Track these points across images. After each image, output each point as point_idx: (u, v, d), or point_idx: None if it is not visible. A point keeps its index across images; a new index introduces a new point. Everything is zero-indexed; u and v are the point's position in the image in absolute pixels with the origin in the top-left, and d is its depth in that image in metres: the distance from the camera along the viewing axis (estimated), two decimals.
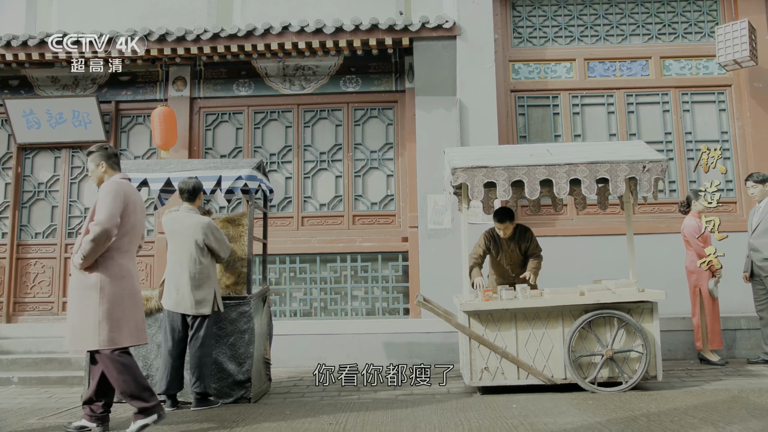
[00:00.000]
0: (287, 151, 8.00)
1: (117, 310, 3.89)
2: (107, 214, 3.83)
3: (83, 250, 3.82)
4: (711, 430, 3.64)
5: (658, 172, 5.00)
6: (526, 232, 5.99)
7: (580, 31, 7.69)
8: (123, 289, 3.94)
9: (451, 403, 4.76)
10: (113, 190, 3.94)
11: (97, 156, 4.13)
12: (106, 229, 3.80)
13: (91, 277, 3.87)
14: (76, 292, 3.92)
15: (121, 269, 3.95)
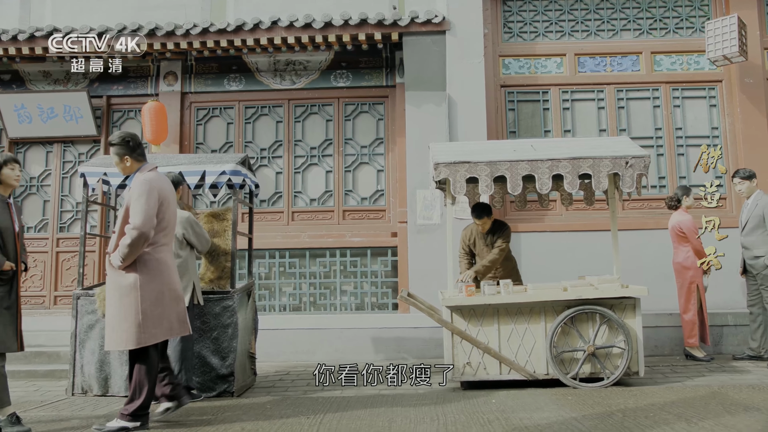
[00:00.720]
0: (278, 146, 8.01)
1: (157, 306, 3.88)
2: (143, 218, 3.80)
3: (121, 254, 3.80)
4: (684, 425, 3.64)
5: (641, 167, 4.99)
6: (503, 227, 5.92)
7: (571, 26, 7.67)
8: (162, 285, 3.94)
9: (431, 398, 4.77)
10: (147, 190, 3.88)
11: (121, 149, 4.04)
12: (143, 233, 3.79)
13: (129, 277, 3.86)
14: (115, 292, 3.90)
15: (159, 264, 3.95)
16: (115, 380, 5.24)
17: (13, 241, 4.09)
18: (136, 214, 3.81)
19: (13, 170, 4.13)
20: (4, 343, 3.96)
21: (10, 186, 4.14)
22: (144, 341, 3.82)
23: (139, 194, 3.86)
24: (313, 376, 5.97)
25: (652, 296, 6.68)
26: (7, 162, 4.11)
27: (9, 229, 4.07)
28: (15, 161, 4.17)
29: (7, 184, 4.13)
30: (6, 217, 4.07)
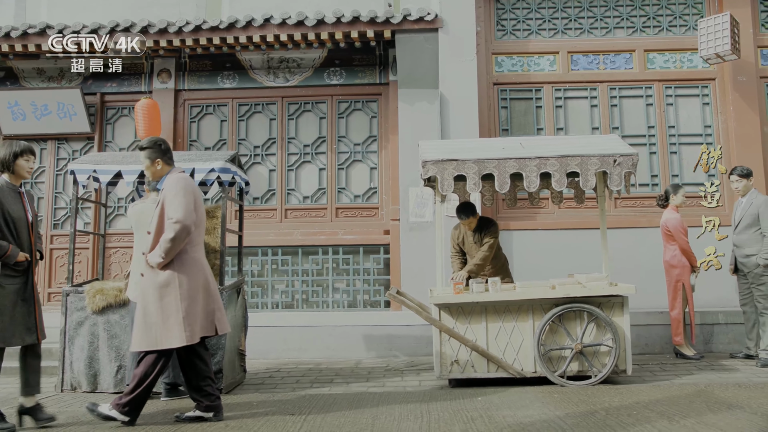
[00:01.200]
0: (271, 144, 8.01)
1: (195, 305, 3.91)
2: (184, 211, 3.83)
3: (163, 249, 3.80)
4: (665, 423, 3.65)
5: (629, 165, 4.99)
6: (489, 224, 5.88)
7: (564, 24, 7.66)
8: (198, 283, 3.95)
9: (417, 396, 4.78)
10: (182, 186, 3.93)
11: (153, 153, 4.08)
12: (185, 226, 3.81)
13: (167, 275, 3.87)
14: (154, 292, 3.88)
15: (195, 263, 3.98)
16: (104, 377, 5.27)
17: (26, 231, 4.06)
18: (176, 209, 3.83)
19: (28, 161, 4.09)
20: (13, 337, 3.93)
21: (21, 177, 4.11)
22: (188, 339, 3.84)
23: (176, 191, 3.90)
24: (303, 374, 6.07)
25: (644, 294, 6.69)
26: (24, 152, 4.07)
27: (22, 219, 4.05)
28: (31, 153, 4.14)
29: (19, 175, 4.09)
30: (18, 207, 4.05)
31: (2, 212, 3.92)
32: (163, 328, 3.82)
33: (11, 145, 4.05)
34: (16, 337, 3.93)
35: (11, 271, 3.92)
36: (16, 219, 4.00)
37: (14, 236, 3.98)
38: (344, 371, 6.16)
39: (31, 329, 4.01)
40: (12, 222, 3.97)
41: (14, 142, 4.09)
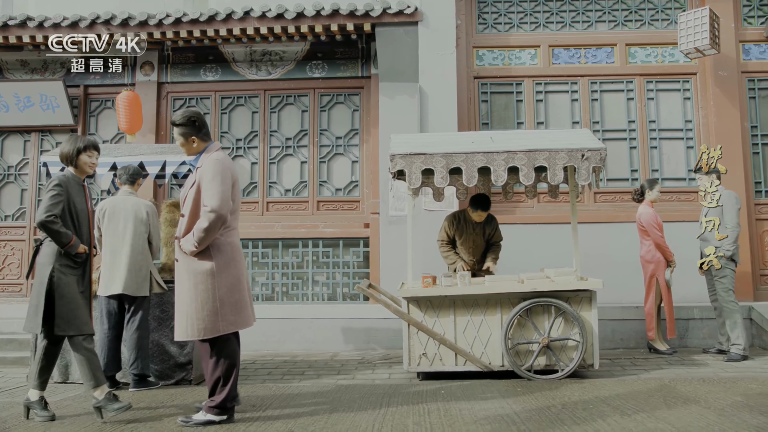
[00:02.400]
0: (253, 137, 8.03)
1: (234, 293, 3.73)
2: (220, 200, 3.61)
3: (197, 238, 3.60)
4: (617, 418, 3.66)
5: (597, 160, 4.98)
6: (492, 219, 6.00)
7: (546, 17, 7.63)
8: (238, 270, 3.79)
9: (382, 388, 4.81)
10: (220, 170, 3.69)
11: (187, 130, 3.84)
12: (221, 216, 3.60)
13: (203, 263, 3.68)
14: (189, 279, 3.71)
15: (232, 249, 3.79)
16: (75, 367, 5.30)
17: (87, 224, 4.08)
18: (212, 197, 3.61)
19: (91, 157, 4.07)
20: (87, 324, 3.95)
21: (84, 172, 4.09)
22: (223, 329, 3.67)
23: (213, 175, 3.66)
24: (276, 366, 6.11)
25: (620, 289, 6.73)
26: (87, 148, 4.05)
27: (84, 212, 4.06)
28: (94, 148, 4.10)
29: (82, 170, 4.08)
30: (82, 200, 4.06)
31: (68, 204, 3.95)
32: (197, 318, 3.65)
33: (75, 141, 4.05)
34: (87, 325, 3.94)
35: (70, 262, 3.94)
36: (80, 211, 4.02)
37: (76, 228, 3.99)
38: (318, 363, 6.19)
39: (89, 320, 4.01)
40: (76, 214, 4.00)
41: (78, 137, 4.09)
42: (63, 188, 3.93)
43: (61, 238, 3.86)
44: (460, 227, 5.96)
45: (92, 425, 3.81)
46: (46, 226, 3.82)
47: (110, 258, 4.98)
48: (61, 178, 3.98)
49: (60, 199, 3.89)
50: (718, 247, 5.81)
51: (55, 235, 3.85)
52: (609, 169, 7.38)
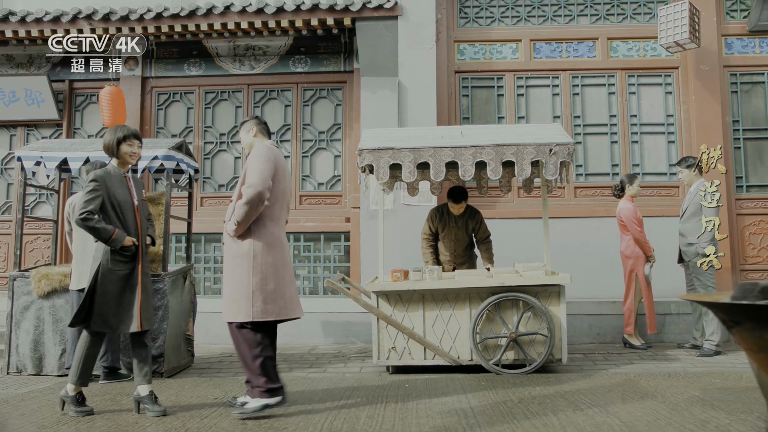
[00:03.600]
0: (236, 131, 8.04)
1: (270, 281, 3.71)
2: (259, 176, 3.65)
3: (237, 215, 3.66)
4: (569, 413, 3.67)
5: (565, 155, 4.97)
6: (476, 213, 6.01)
7: (527, 11, 7.60)
8: (276, 259, 3.77)
9: (349, 381, 4.84)
10: (263, 153, 3.77)
11: (249, 124, 4.02)
12: (259, 191, 3.61)
13: (243, 245, 3.72)
14: (230, 261, 3.78)
15: (274, 238, 3.79)
16: (49, 360, 5.37)
17: (133, 216, 4.02)
18: (252, 174, 3.67)
19: (131, 146, 4.02)
20: (123, 324, 3.89)
21: (126, 162, 4.05)
22: (255, 316, 3.64)
23: (257, 156, 3.75)
24: None
25: (599, 284, 6.73)
26: (127, 138, 4.00)
27: (128, 203, 4.01)
28: (134, 137, 4.05)
29: (123, 161, 4.04)
30: (124, 191, 4.00)
31: (108, 197, 3.90)
32: (231, 300, 3.69)
33: (115, 131, 4.01)
34: (124, 324, 3.90)
35: (120, 257, 3.89)
36: (122, 203, 3.96)
37: (120, 220, 3.95)
38: (294, 357, 6.23)
39: (132, 318, 3.92)
40: (118, 206, 3.94)
41: (118, 128, 4.04)
42: (100, 183, 3.88)
43: (100, 233, 3.82)
44: (443, 220, 5.98)
45: (52, 416, 3.86)
46: (83, 223, 3.79)
47: (80, 253, 5.02)
48: (98, 174, 3.93)
49: (96, 195, 3.85)
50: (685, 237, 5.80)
51: (93, 231, 3.82)
52: (590, 163, 7.37)
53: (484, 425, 3.45)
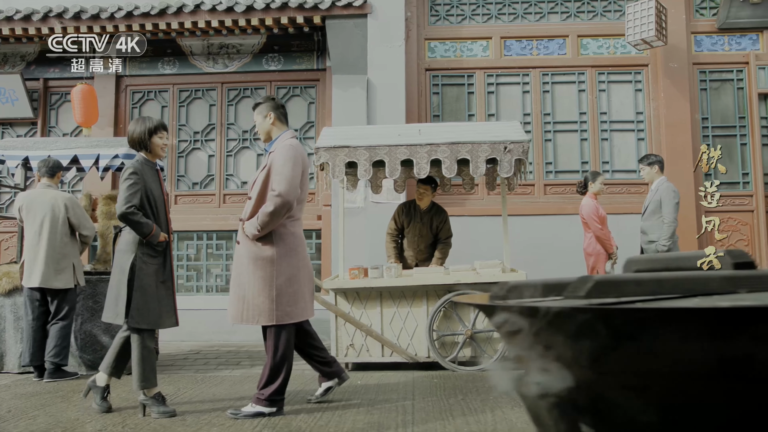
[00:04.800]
0: (211, 129, 8.08)
1: (294, 283, 3.68)
2: (288, 186, 3.57)
3: (261, 222, 3.56)
4: (508, 409, 3.69)
5: (519, 152, 4.99)
6: (442, 212, 6.04)
7: (498, 9, 7.61)
8: (298, 260, 3.74)
9: (303, 379, 4.85)
10: (292, 156, 3.66)
11: (265, 107, 3.85)
12: (287, 201, 3.55)
13: (265, 249, 3.62)
14: (249, 264, 3.66)
15: (295, 239, 3.74)
16: (10, 357, 5.40)
17: (164, 211, 3.93)
18: (280, 182, 3.57)
19: (162, 138, 3.92)
20: (161, 318, 3.82)
21: (157, 155, 3.94)
22: (279, 319, 3.62)
23: (285, 160, 3.62)
24: (217, 356, 6.19)
25: None
26: (158, 129, 3.90)
27: (161, 198, 3.91)
28: (164, 129, 3.95)
29: (154, 153, 3.93)
30: (157, 185, 3.90)
31: (145, 190, 3.78)
32: (253, 304, 3.62)
33: (144, 122, 3.90)
34: (164, 319, 3.83)
35: (152, 251, 3.80)
36: (156, 198, 3.87)
37: (155, 215, 3.85)
38: (260, 354, 6.24)
39: (170, 312, 3.88)
40: (153, 201, 3.85)
41: (147, 119, 3.95)
42: (139, 176, 3.76)
43: (142, 228, 3.71)
44: (408, 215, 6.00)
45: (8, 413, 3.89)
46: (127, 218, 3.68)
47: (31, 251, 5.05)
48: (135, 165, 3.81)
49: (137, 188, 3.74)
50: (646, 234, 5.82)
51: (136, 226, 3.70)
52: (559, 161, 7.39)
53: (418, 422, 3.48)
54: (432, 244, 6.13)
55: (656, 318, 0.70)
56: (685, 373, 0.71)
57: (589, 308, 0.71)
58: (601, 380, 0.77)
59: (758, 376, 0.68)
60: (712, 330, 0.67)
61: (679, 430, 0.75)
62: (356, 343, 5.22)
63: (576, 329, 0.75)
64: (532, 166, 7.35)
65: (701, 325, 0.68)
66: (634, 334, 0.72)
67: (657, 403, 0.75)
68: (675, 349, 0.70)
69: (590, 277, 0.76)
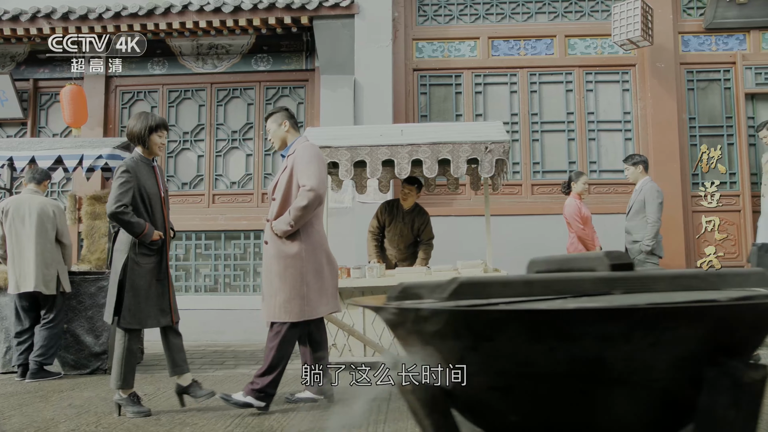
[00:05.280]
0: (200, 130, 8.09)
1: (319, 279, 3.76)
2: (318, 180, 3.67)
3: (293, 217, 3.61)
4: None
5: (500, 153, 5.00)
6: (424, 213, 6.04)
7: (486, 9, 7.61)
8: (322, 257, 3.82)
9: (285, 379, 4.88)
10: (316, 154, 3.82)
11: (280, 116, 3.96)
12: (319, 195, 3.66)
13: (293, 246, 3.69)
14: (278, 262, 3.71)
15: (320, 236, 3.84)
16: None
17: (160, 208, 3.89)
18: (310, 177, 3.66)
19: (161, 137, 3.90)
20: (151, 318, 3.79)
21: (154, 153, 3.91)
22: (308, 314, 3.70)
23: (310, 158, 3.75)
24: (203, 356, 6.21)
25: None
26: (158, 127, 3.86)
27: (156, 195, 3.87)
28: (164, 127, 3.93)
29: (152, 151, 3.89)
30: (152, 182, 3.86)
31: (138, 188, 3.74)
32: (284, 301, 3.67)
33: (146, 119, 3.87)
34: (151, 318, 3.79)
35: (146, 250, 3.76)
36: (151, 195, 3.83)
37: (149, 213, 3.81)
38: (245, 354, 6.28)
39: (165, 311, 3.85)
40: (148, 198, 3.80)
41: (149, 115, 3.92)
42: (131, 174, 3.72)
43: (133, 228, 3.67)
44: (391, 214, 6.01)
45: None
46: (117, 217, 3.65)
47: (17, 257, 5.05)
48: (128, 163, 3.77)
49: (129, 186, 3.69)
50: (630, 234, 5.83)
51: (127, 225, 3.67)
52: (547, 161, 7.40)
53: (390, 420, 3.49)
54: (412, 245, 6.12)
55: (507, 320, 0.71)
56: (539, 374, 0.72)
57: (443, 310, 0.72)
58: (470, 380, 0.78)
59: (609, 376, 0.70)
60: (559, 331, 0.68)
61: (544, 428, 0.76)
62: (338, 343, 5.22)
63: (437, 330, 0.76)
64: (520, 166, 7.36)
65: (549, 327, 0.69)
66: (491, 336, 0.73)
67: (521, 403, 0.76)
68: (528, 351, 0.71)
69: (456, 278, 0.78)
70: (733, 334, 0.72)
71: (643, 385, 0.70)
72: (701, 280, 0.89)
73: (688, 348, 0.70)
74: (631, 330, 0.67)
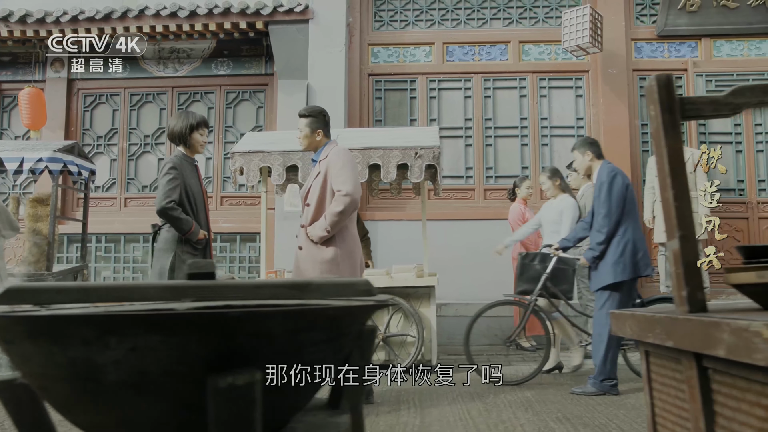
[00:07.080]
0: (161, 133, 8.14)
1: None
2: (353, 185, 3.66)
3: (329, 222, 3.61)
4: (386, 415, 3.74)
5: (431, 158, 5.04)
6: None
7: (441, 15, 7.66)
8: (356, 260, 3.82)
9: None
10: (349, 159, 3.79)
11: (316, 123, 3.87)
12: (355, 199, 3.65)
13: (329, 251, 3.68)
14: (314, 266, 3.69)
15: (354, 240, 3.83)
16: None
17: (203, 207, 3.87)
18: (344, 182, 3.65)
19: (202, 135, 3.89)
20: None
21: (196, 151, 3.91)
22: None
23: (344, 163, 3.72)
24: None
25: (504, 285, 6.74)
26: (199, 125, 3.86)
27: (199, 194, 3.85)
28: (205, 125, 3.93)
29: (194, 149, 3.89)
30: (196, 182, 3.84)
31: (183, 187, 3.71)
32: None
33: (187, 117, 3.87)
34: None
35: (191, 249, 3.72)
36: (195, 194, 3.81)
37: (194, 211, 3.77)
38: None
39: None
40: (192, 197, 3.78)
41: (189, 114, 3.93)
42: (178, 171, 3.70)
43: (182, 224, 3.64)
44: None
45: None
46: (167, 213, 3.61)
47: None
48: (174, 160, 3.75)
49: (177, 183, 3.66)
50: None
51: (175, 222, 3.64)
52: (500, 166, 7.42)
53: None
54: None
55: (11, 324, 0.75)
56: (52, 375, 0.76)
57: None
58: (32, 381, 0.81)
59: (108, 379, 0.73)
60: (51, 336, 0.72)
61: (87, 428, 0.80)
62: None
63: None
64: (473, 171, 7.39)
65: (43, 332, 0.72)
66: (11, 340, 0.76)
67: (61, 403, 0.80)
68: (36, 354, 0.75)
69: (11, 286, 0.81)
70: (221, 343, 0.76)
71: (147, 388, 0.74)
72: (295, 289, 0.93)
73: (176, 355, 0.74)
74: (104, 335, 0.70)
